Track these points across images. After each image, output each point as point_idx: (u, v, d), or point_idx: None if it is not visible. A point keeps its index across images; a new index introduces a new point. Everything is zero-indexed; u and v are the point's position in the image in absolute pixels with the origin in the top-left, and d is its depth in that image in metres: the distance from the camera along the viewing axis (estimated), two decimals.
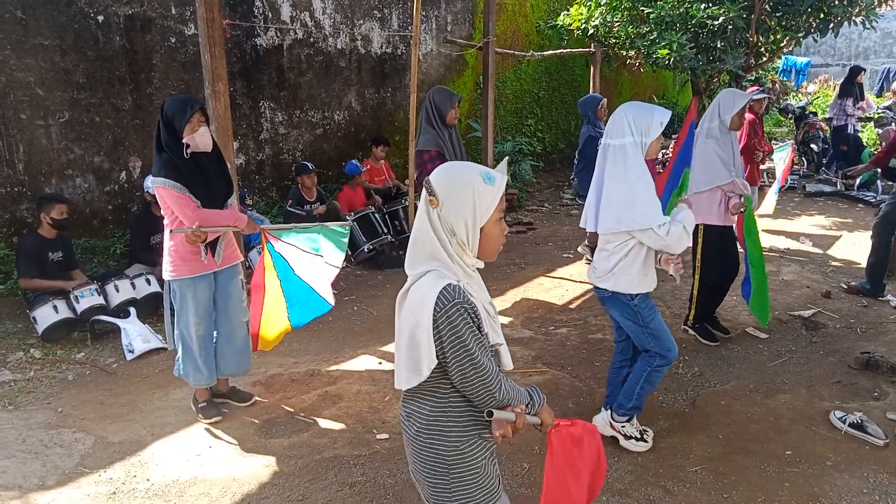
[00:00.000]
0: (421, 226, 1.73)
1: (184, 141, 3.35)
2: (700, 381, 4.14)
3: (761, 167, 7.59)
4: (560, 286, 6.00)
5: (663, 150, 10.17)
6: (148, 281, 5.20)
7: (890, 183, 8.60)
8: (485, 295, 1.83)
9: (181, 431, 3.66)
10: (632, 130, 2.98)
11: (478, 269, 1.82)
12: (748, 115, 6.30)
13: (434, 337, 1.66)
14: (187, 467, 3.33)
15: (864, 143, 10.68)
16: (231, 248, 3.68)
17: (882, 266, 5.48)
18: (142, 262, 5.48)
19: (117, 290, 5.01)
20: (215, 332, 3.73)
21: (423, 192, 1.72)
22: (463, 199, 1.67)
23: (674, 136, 10.94)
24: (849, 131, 10.38)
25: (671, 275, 3.21)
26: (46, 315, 4.73)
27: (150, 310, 5.20)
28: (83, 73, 5.83)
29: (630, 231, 3.02)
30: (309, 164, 7.03)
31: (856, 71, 10.62)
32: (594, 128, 6.06)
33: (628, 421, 3.38)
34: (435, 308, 1.64)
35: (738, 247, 4.56)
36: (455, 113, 4.65)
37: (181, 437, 3.61)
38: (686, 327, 4.77)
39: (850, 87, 10.41)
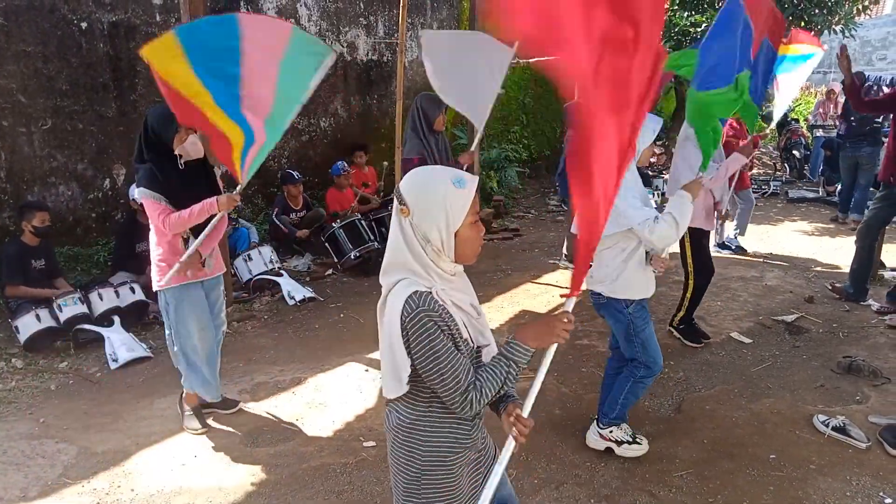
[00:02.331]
0: (394, 236, 1.71)
1: (176, 153, 3.32)
2: (685, 385, 4.16)
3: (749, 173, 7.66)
4: (546, 292, 6.01)
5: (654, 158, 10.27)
6: (132, 289, 5.14)
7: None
8: (469, 297, 1.82)
9: (166, 441, 3.63)
10: None
11: (462, 270, 1.81)
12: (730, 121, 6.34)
13: (404, 345, 1.67)
14: (172, 477, 3.29)
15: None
16: (217, 258, 3.65)
17: (865, 271, 5.54)
18: (126, 269, 5.43)
19: (101, 299, 4.96)
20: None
21: (395, 202, 1.70)
22: (434, 205, 1.65)
23: (658, 142, 11.09)
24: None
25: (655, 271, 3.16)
26: (29, 324, 4.68)
27: (135, 318, 5.15)
28: (66, 80, 5.78)
29: (617, 231, 3.01)
30: (294, 174, 7.00)
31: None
32: None
33: (617, 427, 3.38)
34: (401, 317, 1.65)
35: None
36: (442, 119, 4.73)
37: (166, 446, 3.58)
38: (671, 328, 4.80)
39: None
